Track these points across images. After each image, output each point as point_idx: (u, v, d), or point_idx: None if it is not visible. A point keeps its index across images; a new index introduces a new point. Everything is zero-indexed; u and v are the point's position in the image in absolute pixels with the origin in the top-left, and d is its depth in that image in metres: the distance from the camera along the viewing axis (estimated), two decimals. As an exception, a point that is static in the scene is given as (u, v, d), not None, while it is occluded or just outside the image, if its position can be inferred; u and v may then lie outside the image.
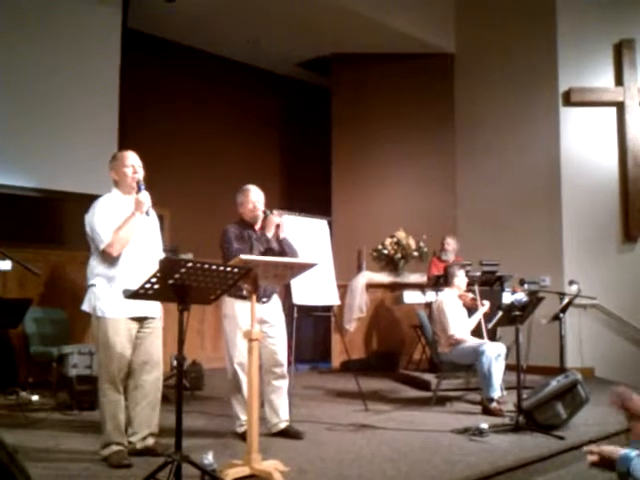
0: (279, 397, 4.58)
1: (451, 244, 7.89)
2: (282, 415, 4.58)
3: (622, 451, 2.14)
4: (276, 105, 10.93)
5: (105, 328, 3.75)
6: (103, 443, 3.74)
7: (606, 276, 7.99)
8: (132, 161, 3.93)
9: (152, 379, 3.90)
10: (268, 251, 4.48)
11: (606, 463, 2.18)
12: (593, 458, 2.22)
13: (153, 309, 3.88)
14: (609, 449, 2.20)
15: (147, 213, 3.84)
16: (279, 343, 4.58)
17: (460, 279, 6.18)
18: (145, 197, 3.82)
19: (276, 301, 4.68)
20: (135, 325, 3.83)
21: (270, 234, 4.55)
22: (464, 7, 9.77)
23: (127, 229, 3.75)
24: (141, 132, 8.15)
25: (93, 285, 3.82)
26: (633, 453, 2.11)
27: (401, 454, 4.06)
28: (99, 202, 3.89)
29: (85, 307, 3.86)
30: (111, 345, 3.74)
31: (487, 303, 6.11)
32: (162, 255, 4.04)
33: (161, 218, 4.26)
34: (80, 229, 3.86)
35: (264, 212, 4.56)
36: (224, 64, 10.04)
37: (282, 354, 4.59)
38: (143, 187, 3.85)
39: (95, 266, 3.83)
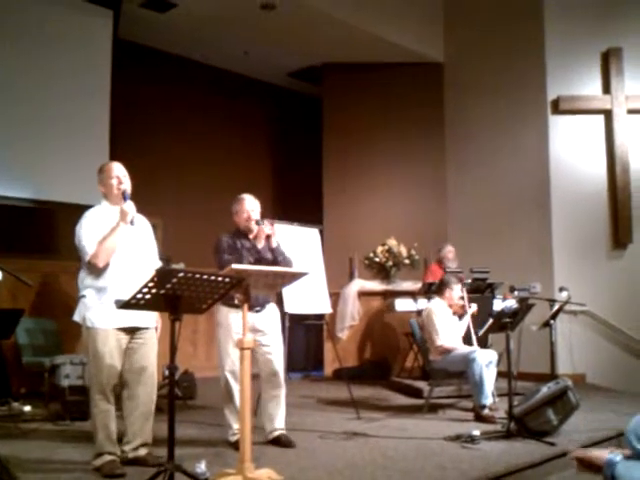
0: (275, 405, 4.59)
1: (453, 252, 7.91)
2: (277, 424, 4.58)
3: (607, 456, 2.19)
4: (268, 114, 10.97)
5: (94, 338, 3.76)
6: (95, 453, 3.75)
7: (596, 282, 8.04)
8: (117, 172, 3.95)
9: (145, 390, 3.90)
10: (259, 261, 4.50)
11: (593, 467, 2.23)
12: (580, 462, 2.28)
13: (145, 320, 3.88)
14: (596, 454, 2.25)
15: (132, 223, 3.84)
16: (275, 352, 4.58)
17: (455, 292, 6.16)
18: (129, 207, 3.83)
19: (272, 310, 4.69)
20: (125, 336, 3.84)
21: (261, 245, 4.58)
22: (453, 16, 9.84)
23: (111, 240, 3.76)
24: (132, 142, 8.18)
25: (83, 296, 3.84)
26: (617, 458, 2.15)
27: (393, 462, 4.07)
28: (87, 214, 3.92)
29: (76, 317, 3.89)
30: (100, 355, 3.75)
31: (474, 306, 6.14)
32: (158, 263, 4.05)
33: (153, 227, 4.27)
34: (72, 239, 3.87)
35: (256, 222, 4.59)
36: (216, 74, 10.07)
37: (278, 363, 4.60)
38: (128, 197, 3.87)
39: (84, 277, 3.86)
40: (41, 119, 7.15)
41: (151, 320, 3.94)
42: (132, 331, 3.87)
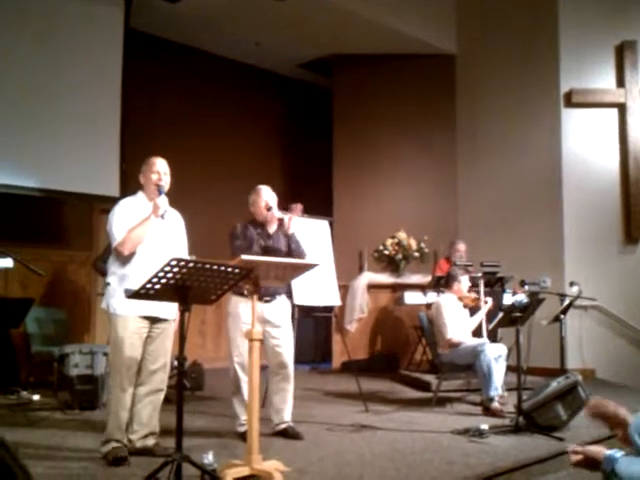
0: (283, 398, 4.59)
1: (463, 249, 7.88)
2: (284, 416, 4.59)
3: (607, 452, 2.18)
4: (278, 106, 10.94)
5: (115, 324, 3.84)
6: (103, 439, 3.78)
7: (607, 277, 7.99)
8: (159, 168, 4.08)
9: (157, 379, 3.95)
10: (268, 247, 4.52)
11: (590, 463, 2.22)
12: (577, 458, 2.26)
13: (166, 310, 3.90)
14: (594, 449, 2.24)
15: (162, 217, 3.92)
16: (284, 344, 4.58)
17: (463, 284, 6.14)
18: (162, 201, 3.93)
19: (283, 302, 4.68)
20: (147, 324, 3.88)
21: (272, 230, 4.58)
22: (465, 8, 9.77)
23: (140, 230, 3.83)
24: (143, 132, 8.17)
25: (108, 284, 3.93)
26: (618, 454, 2.14)
27: (401, 455, 4.07)
28: (121, 202, 4.04)
29: (103, 305, 3.98)
30: (119, 342, 3.81)
31: (490, 300, 6.11)
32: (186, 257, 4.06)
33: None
34: (81, 229, 3.89)
35: (267, 208, 4.59)
36: (226, 65, 10.05)
37: (288, 355, 4.60)
38: (163, 192, 3.98)
39: (111, 265, 3.95)
40: (52, 109, 7.15)
41: (172, 312, 3.96)
42: (153, 321, 3.91)
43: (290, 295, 5.73)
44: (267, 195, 4.66)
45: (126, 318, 3.81)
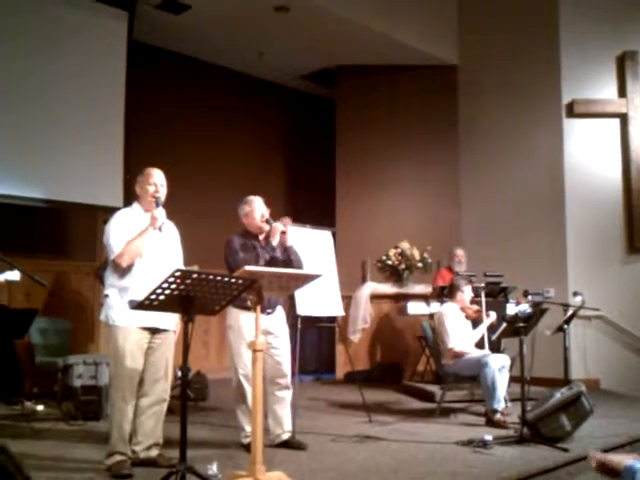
0: (282, 408, 4.59)
1: (464, 255, 7.88)
2: (285, 426, 4.59)
3: (628, 462, 2.18)
4: (281, 117, 10.97)
5: (116, 336, 3.84)
6: (108, 452, 3.78)
7: (610, 287, 7.97)
8: (156, 179, 4.07)
9: (159, 390, 3.95)
10: (273, 259, 4.53)
11: (610, 471, 2.23)
12: (598, 464, 2.28)
13: (166, 321, 3.92)
14: (615, 459, 2.24)
15: (160, 229, 3.95)
16: (283, 354, 4.60)
17: (466, 294, 6.13)
18: (160, 213, 3.94)
19: (280, 312, 4.71)
20: (147, 335, 3.89)
21: (275, 242, 4.60)
22: (467, 19, 9.80)
23: (138, 242, 3.84)
24: (146, 143, 8.19)
25: (107, 296, 3.93)
26: (638, 464, 2.14)
27: (405, 466, 4.06)
28: (117, 214, 4.03)
29: (102, 317, 3.98)
30: (120, 353, 3.81)
31: (493, 314, 6.09)
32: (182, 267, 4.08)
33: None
34: (85, 240, 3.90)
35: (267, 221, 4.61)
36: (229, 76, 10.09)
37: (286, 365, 4.61)
38: (160, 204, 3.98)
39: (108, 276, 3.96)
40: (55, 119, 7.18)
41: (172, 322, 3.97)
42: (153, 331, 3.92)
43: (292, 305, 5.75)
44: (261, 206, 4.68)
45: (126, 329, 3.82)
